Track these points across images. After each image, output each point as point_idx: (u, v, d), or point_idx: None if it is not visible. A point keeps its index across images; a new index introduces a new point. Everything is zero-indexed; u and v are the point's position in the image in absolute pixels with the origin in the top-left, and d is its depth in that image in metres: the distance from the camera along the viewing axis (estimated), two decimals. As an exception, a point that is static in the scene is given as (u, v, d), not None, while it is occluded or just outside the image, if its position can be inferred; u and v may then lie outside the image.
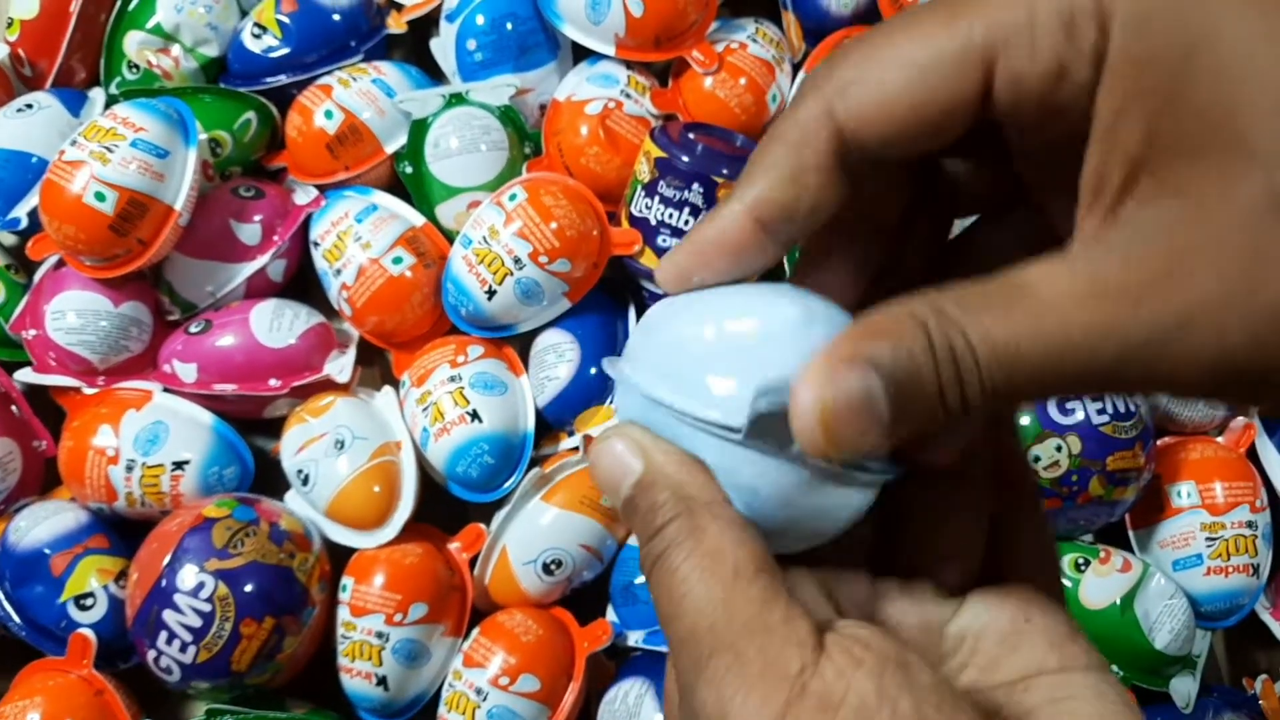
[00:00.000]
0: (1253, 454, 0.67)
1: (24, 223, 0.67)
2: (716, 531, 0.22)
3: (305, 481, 0.63)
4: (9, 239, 0.71)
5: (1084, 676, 0.24)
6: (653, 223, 0.65)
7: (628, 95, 0.70)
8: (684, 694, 0.22)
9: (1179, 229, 0.19)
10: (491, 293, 0.65)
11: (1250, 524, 0.64)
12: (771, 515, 0.24)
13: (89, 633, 0.60)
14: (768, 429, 0.22)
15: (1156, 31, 0.19)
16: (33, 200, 0.66)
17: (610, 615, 0.65)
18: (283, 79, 0.72)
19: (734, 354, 0.23)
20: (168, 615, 0.57)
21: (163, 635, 0.57)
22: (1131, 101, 0.20)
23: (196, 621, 0.57)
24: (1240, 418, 0.67)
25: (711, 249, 0.24)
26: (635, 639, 0.62)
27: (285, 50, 0.72)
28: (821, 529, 0.24)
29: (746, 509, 0.23)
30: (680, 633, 0.22)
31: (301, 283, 0.72)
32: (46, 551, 0.61)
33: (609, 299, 0.69)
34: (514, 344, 0.69)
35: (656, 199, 0.64)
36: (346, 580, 0.62)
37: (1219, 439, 0.67)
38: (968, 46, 0.21)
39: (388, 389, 0.67)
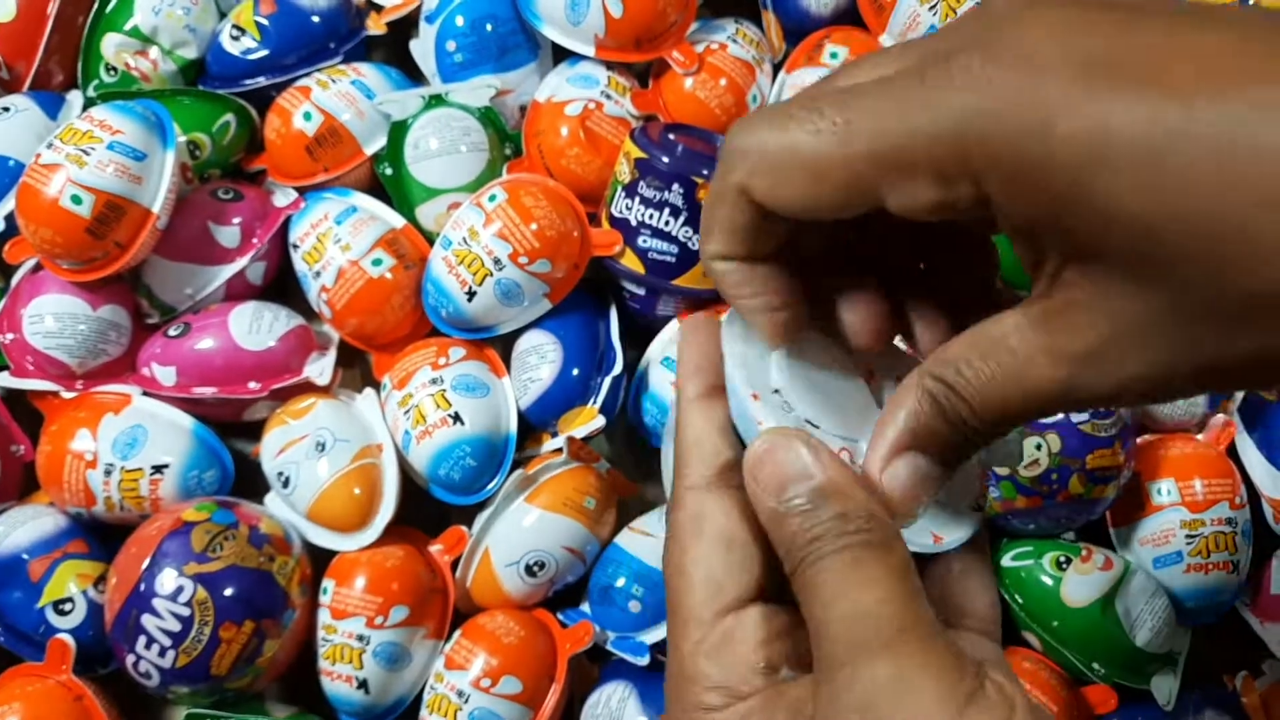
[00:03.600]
0: (1232, 451, 0.67)
1: (1, 226, 0.67)
2: (903, 551, 0.26)
3: (286, 484, 0.63)
4: (-14, 242, 0.70)
5: None
6: (633, 223, 0.65)
7: (608, 96, 0.70)
8: (836, 666, 0.25)
9: (1114, 306, 0.23)
10: (472, 294, 0.65)
11: (1230, 521, 0.64)
12: None
13: (68, 638, 0.59)
14: None
15: (1028, 188, 0.22)
16: (9, 204, 0.66)
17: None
18: (261, 81, 0.72)
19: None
20: (146, 620, 0.56)
21: (142, 640, 0.57)
22: (1031, 227, 0.24)
23: (175, 626, 0.56)
24: (1220, 415, 0.68)
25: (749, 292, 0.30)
26: (611, 640, 0.62)
27: (264, 52, 0.72)
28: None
29: None
30: (852, 610, 0.25)
31: (281, 285, 0.72)
32: (24, 556, 0.61)
33: (590, 300, 0.69)
34: (495, 345, 0.69)
35: (637, 200, 0.64)
36: (327, 583, 0.62)
37: (1199, 436, 0.68)
38: (853, 179, 0.25)
39: (369, 391, 0.67)
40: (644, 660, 0.61)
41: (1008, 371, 0.25)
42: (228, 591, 0.57)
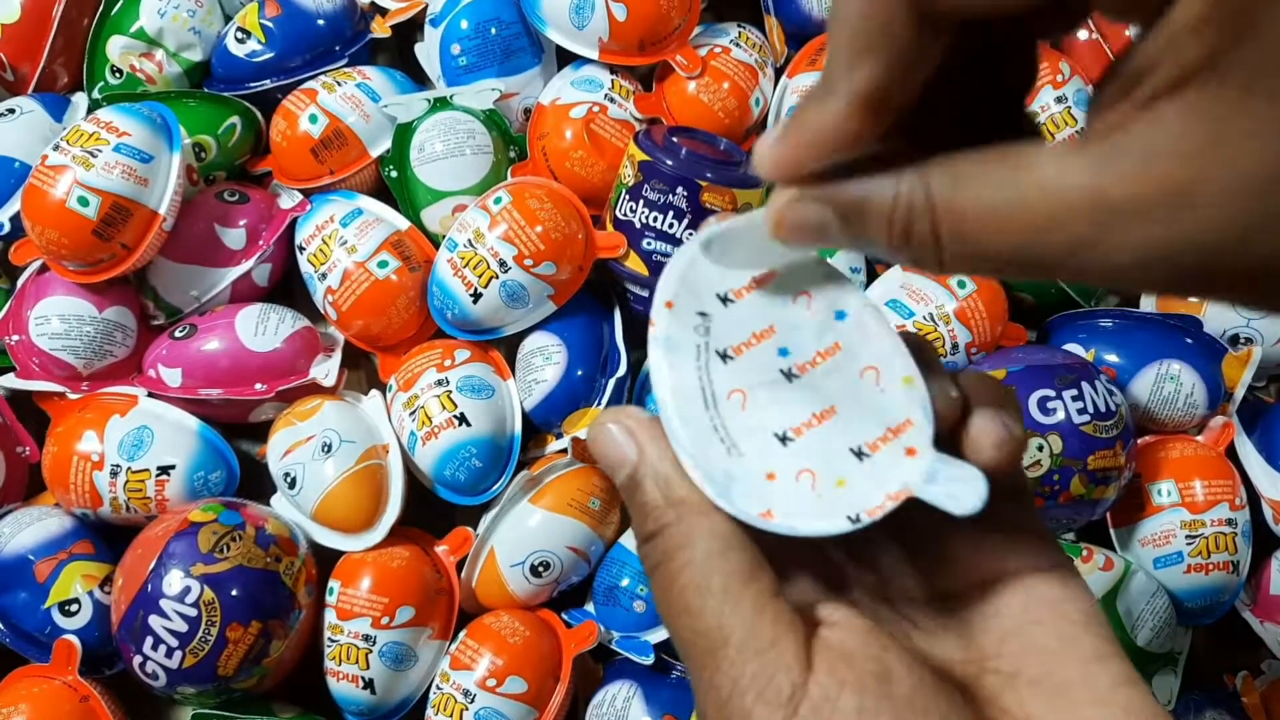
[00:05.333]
0: (1232, 453, 0.68)
1: (6, 228, 0.67)
2: (704, 544, 0.24)
3: (292, 485, 0.63)
4: (-9, 244, 0.71)
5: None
6: (637, 225, 0.65)
7: (612, 99, 0.71)
8: (697, 695, 0.25)
9: (1196, 154, 0.18)
10: (477, 296, 0.65)
11: (1230, 522, 0.64)
12: None
13: (74, 639, 0.60)
14: None
15: None
16: (15, 205, 0.66)
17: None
18: (267, 83, 0.72)
19: None
20: (153, 620, 0.57)
21: (148, 640, 0.57)
22: (1219, 10, 0.18)
23: (182, 626, 0.57)
24: (1220, 417, 0.68)
25: (824, 143, 0.23)
26: (616, 640, 0.63)
27: (269, 54, 0.72)
28: None
29: None
30: (681, 641, 0.25)
31: (287, 287, 0.72)
32: (31, 558, 0.61)
33: (594, 302, 0.69)
34: (500, 347, 0.69)
35: (641, 202, 0.65)
36: (333, 583, 0.62)
37: (1198, 438, 0.68)
38: None
39: (375, 392, 0.67)
40: (648, 660, 0.61)
41: (1009, 195, 0.20)
42: (234, 592, 0.57)
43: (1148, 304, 0.72)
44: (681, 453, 0.25)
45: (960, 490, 0.24)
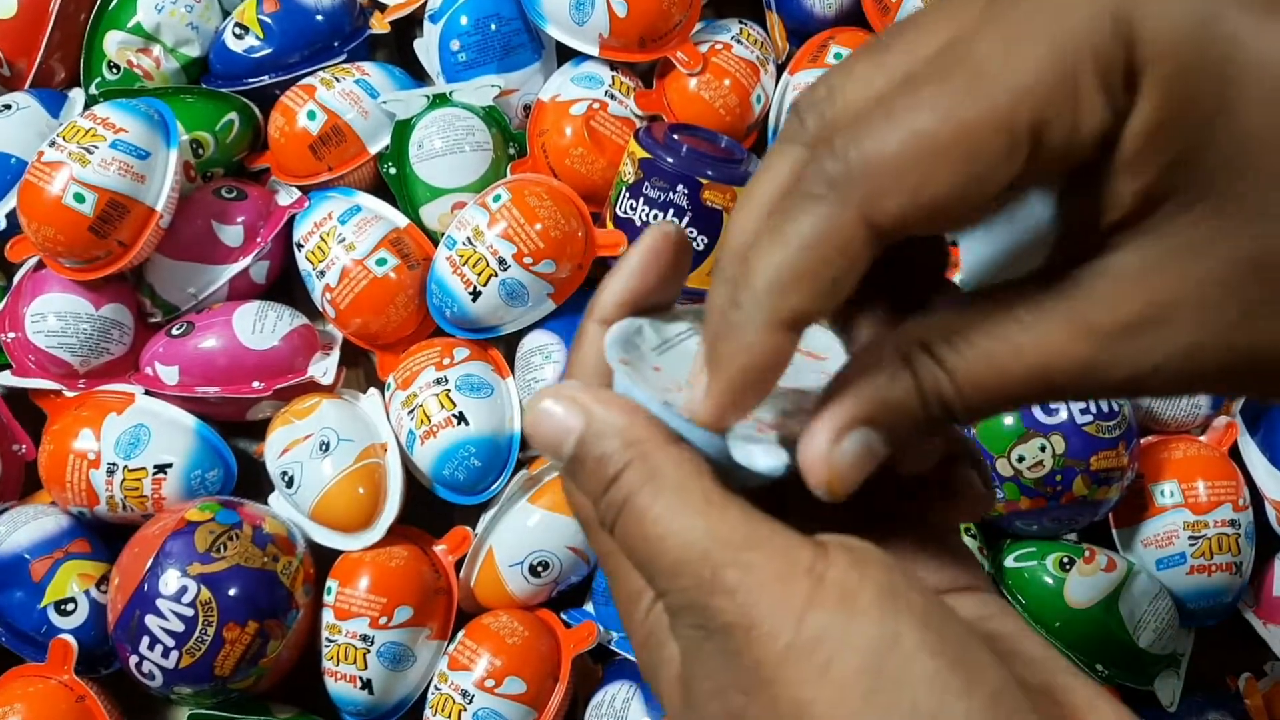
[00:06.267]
0: (1235, 453, 0.67)
1: (2, 224, 0.66)
2: (674, 467, 0.23)
3: (290, 484, 0.62)
4: (-12, 241, 0.70)
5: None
6: (637, 224, 0.65)
7: (612, 96, 0.70)
8: (686, 615, 0.22)
9: (1162, 276, 0.21)
10: (476, 294, 0.65)
11: (1233, 522, 0.64)
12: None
13: (70, 638, 0.59)
14: None
15: (1187, 95, 0.20)
16: (11, 202, 0.66)
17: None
18: (265, 79, 0.72)
19: None
20: (150, 620, 0.56)
21: (145, 640, 0.56)
22: (1148, 155, 0.20)
23: (179, 626, 0.56)
24: (1223, 417, 0.68)
25: (757, 382, 0.23)
26: (615, 640, 0.62)
27: (267, 50, 0.72)
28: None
29: None
30: (668, 567, 0.22)
31: (285, 285, 0.71)
32: (27, 556, 0.61)
33: (594, 300, 0.69)
34: (499, 346, 0.69)
35: (641, 200, 0.64)
36: (331, 583, 0.62)
37: (1202, 438, 0.68)
38: (1011, 126, 0.20)
39: (374, 391, 0.67)
40: (648, 661, 0.61)
41: (1012, 347, 0.22)
42: (231, 592, 0.57)
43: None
44: (617, 325, 0.26)
45: (767, 453, 0.24)
